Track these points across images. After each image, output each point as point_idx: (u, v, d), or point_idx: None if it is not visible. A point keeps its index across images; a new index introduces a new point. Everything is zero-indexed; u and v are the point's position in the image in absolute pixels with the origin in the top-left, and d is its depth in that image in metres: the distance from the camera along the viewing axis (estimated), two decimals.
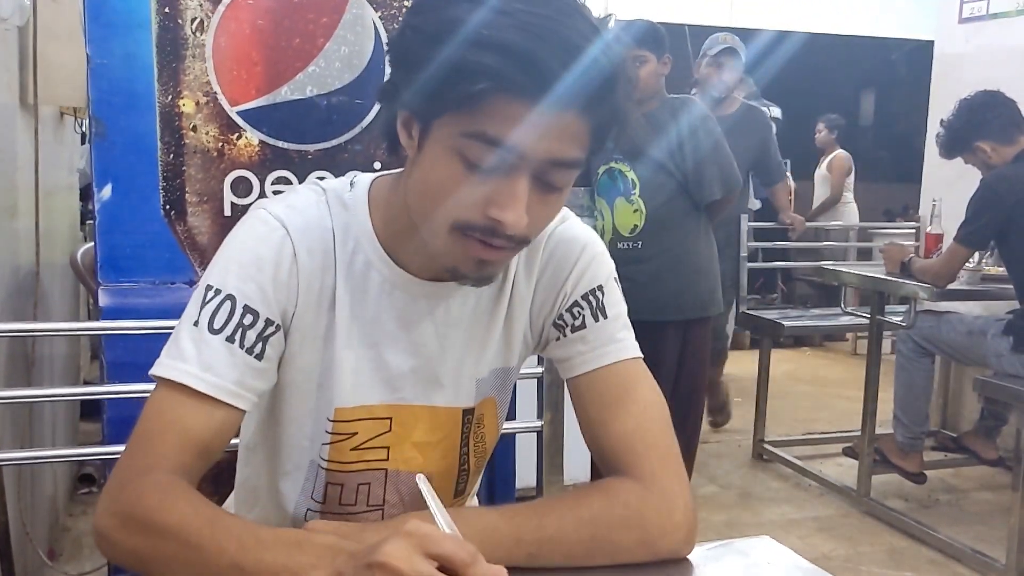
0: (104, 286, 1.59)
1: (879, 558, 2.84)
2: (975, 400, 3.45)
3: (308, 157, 1.66)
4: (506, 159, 0.78)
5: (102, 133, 1.55)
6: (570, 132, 0.79)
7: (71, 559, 2.61)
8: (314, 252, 0.91)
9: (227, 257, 0.90)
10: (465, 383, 1.00)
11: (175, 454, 0.85)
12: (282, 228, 0.90)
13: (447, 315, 0.97)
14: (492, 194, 0.80)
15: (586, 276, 0.99)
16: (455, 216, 0.81)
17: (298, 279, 0.90)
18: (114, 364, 1.57)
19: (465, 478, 1.06)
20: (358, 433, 0.97)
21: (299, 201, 0.94)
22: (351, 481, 0.99)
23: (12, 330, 1.92)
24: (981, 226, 2.76)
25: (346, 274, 0.93)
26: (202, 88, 1.59)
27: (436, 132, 0.81)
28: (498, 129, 0.77)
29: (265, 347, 0.89)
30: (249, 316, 0.88)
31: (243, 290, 0.88)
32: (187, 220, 1.61)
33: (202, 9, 1.57)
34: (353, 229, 0.93)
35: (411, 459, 1.00)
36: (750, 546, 1.01)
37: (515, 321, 1.01)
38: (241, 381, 0.87)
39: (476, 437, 1.04)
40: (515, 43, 0.74)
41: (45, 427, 2.63)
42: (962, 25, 3.95)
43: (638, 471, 0.93)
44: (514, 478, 2.02)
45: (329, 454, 0.97)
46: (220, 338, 0.86)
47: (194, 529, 0.77)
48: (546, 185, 0.82)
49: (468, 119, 0.78)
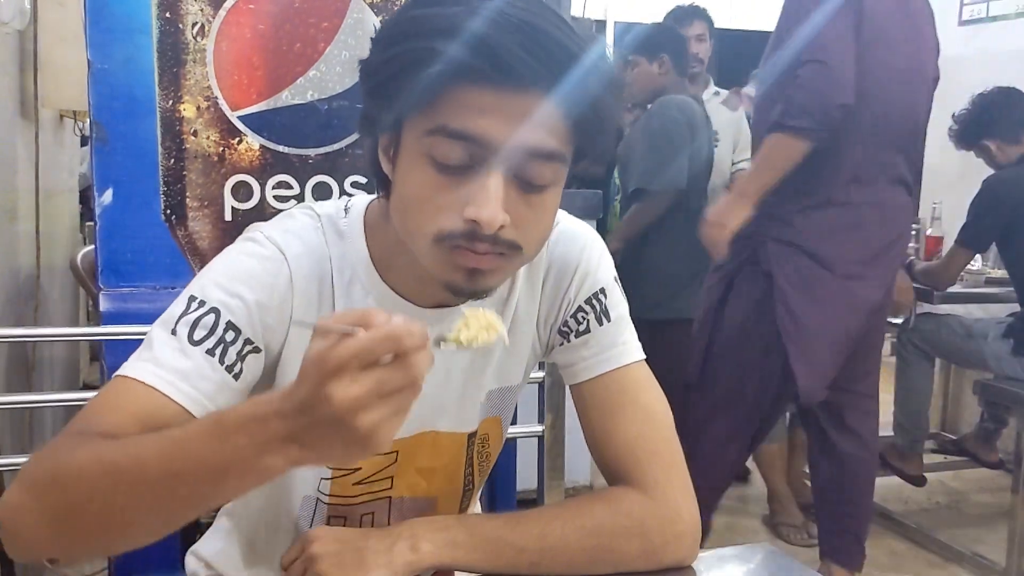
0: (105, 291, 1.58)
1: (879, 561, 2.84)
2: (975, 403, 3.45)
3: (309, 162, 1.66)
4: (473, 153, 0.74)
5: (103, 138, 1.55)
6: (541, 119, 0.74)
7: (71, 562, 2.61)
8: (311, 280, 0.87)
9: (216, 271, 0.85)
10: (468, 407, 0.98)
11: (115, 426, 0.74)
12: (280, 253, 0.86)
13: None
14: (466, 195, 0.75)
15: (588, 280, 0.98)
16: (436, 227, 0.77)
17: (292, 307, 0.86)
18: (114, 369, 1.55)
19: (469, 496, 1.05)
20: (361, 468, 0.95)
21: (296, 226, 0.89)
22: (354, 513, 0.97)
23: (13, 335, 1.92)
24: (982, 228, 2.76)
25: (343, 305, 0.88)
26: (203, 93, 1.59)
27: (405, 141, 0.78)
28: (459, 119, 0.73)
29: (243, 367, 0.83)
30: (231, 332, 0.82)
31: (228, 305, 0.82)
32: (188, 225, 1.61)
33: (203, 14, 1.57)
34: (349, 257, 0.89)
35: (415, 485, 0.99)
36: (751, 552, 1.01)
37: (520, 340, 0.99)
38: (215, 398, 0.80)
39: (480, 457, 1.03)
40: (468, 28, 0.71)
41: (46, 430, 2.63)
42: (962, 27, 3.96)
43: (641, 480, 0.92)
44: (515, 481, 2.02)
45: (331, 489, 0.95)
46: (200, 350, 0.80)
47: (107, 456, 0.68)
48: (526, 183, 0.77)
49: (429, 115, 0.75)
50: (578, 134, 0.78)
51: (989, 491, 3.44)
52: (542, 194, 0.78)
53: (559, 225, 0.97)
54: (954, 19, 3.99)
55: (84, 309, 3.52)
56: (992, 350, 2.84)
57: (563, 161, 0.78)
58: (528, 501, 1.63)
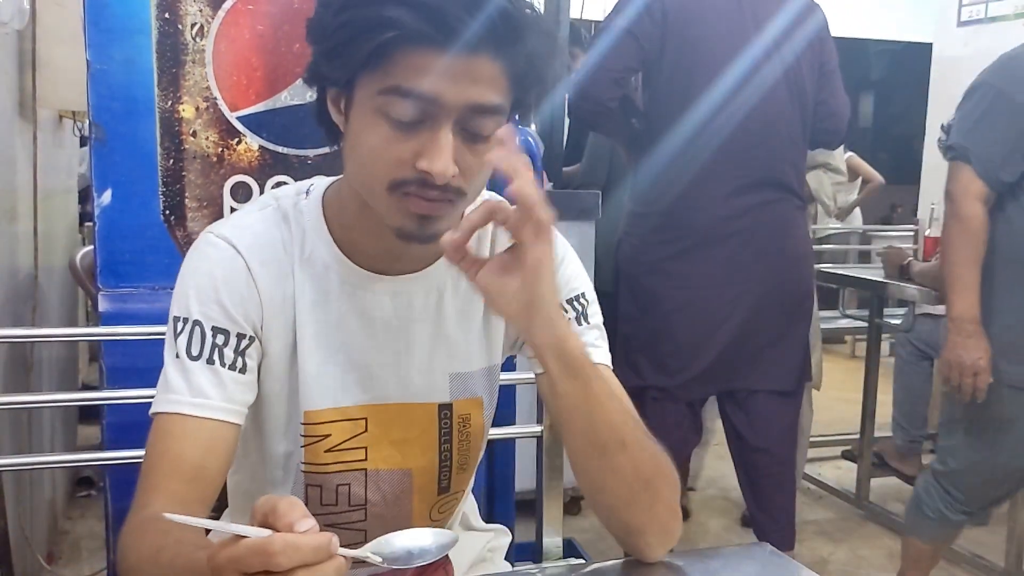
0: (104, 291, 1.58)
1: (878, 562, 2.84)
2: None
3: (308, 162, 1.66)
4: (425, 110, 0.81)
5: (102, 138, 1.55)
6: (485, 77, 0.81)
7: (70, 562, 2.61)
8: (267, 263, 0.94)
9: (185, 285, 0.93)
10: (438, 378, 1.01)
11: (166, 483, 0.86)
12: (230, 247, 0.93)
13: (410, 309, 0.98)
14: (418, 147, 0.82)
15: (571, 282, 1.02)
16: (389, 176, 0.83)
17: (258, 291, 0.93)
18: (113, 369, 1.57)
19: (448, 475, 1.06)
20: (332, 435, 0.98)
21: (245, 219, 0.96)
22: (330, 482, 1.00)
23: (12, 336, 1.92)
24: None
25: (305, 279, 0.95)
26: (202, 93, 1.59)
27: (358, 98, 0.84)
28: (411, 80, 0.79)
29: (245, 360, 0.92)
30: (220, 336, 0.90)
31: (207, 313, 0.90)
32: (187, 225, 1.61)
33: (202, 14, 1.57)
34: (308, 234, 0.95)
35: (390, 457, 1.01)
36: (750, 553, 1.02)
37: (493, 319, 1.03)
38: (230, 397, 0.90)
39: (461, 436, 1.05)
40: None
41: (44, 430, 2.63)
42: (960, 28, 3.96)
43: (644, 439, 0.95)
44: (514, 481, 2.02)
45: (305, 456, 0.99)
46: (201, 363, 0.89)
47: (148, 564, 0.77)
48: (472, 135, 0.83)
49: (382, 76, 0.81)
50: (516, 87, 0.85)
51: None
52: (485, 143, 0.85)
53: None
54: (953, 20, 4.00)
55: (83, 309, 3.52)
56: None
57: (504, 113, 0.85)
58: (527, 502, 1.63)
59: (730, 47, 2.14)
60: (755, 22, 2.17)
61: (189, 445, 0.87)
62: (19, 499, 2.13)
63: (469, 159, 0.84)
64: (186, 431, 0.87)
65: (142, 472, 0.88)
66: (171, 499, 0.84)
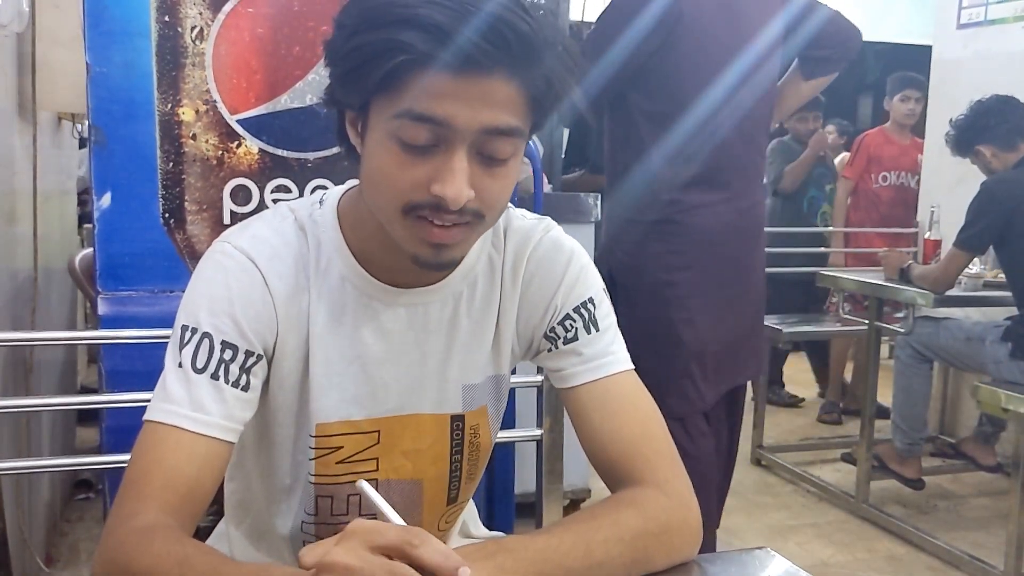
0: (103, 295, 1.58)
1: (877, 564, 2.84)
2: (973, 406, 3.45)
3: (308, 165, 1.66)
4: (438, 134, 0.79)
5: (102, 141, 1.55)
6: (500, 99, 0.79)
7: (68, 564, 2.60)
8: (285, 277, 0.91)
9: (197, 294, 0.90)
10: (451, 388, 1.00)
11: (161, 494, 0.83)
12: (248, 260, 0.90)
13: (426, 320, 0.97)
14: (432, 171, 0.80)
15: (577, 288, 1.00)
16: (404, 199, 0.82)
17: (274, 307, 0.91)
18: (113, 372, 1.57)
19: (457, 485, 1.06)
20: (343, 447, 0.97)
21: (262, 230, 0.93)
22: (341, 493, 0.99)
23: (11, 339, 1.92)
24: (980, 230, 2.77)
25: (321, 292, 0.93)
26: (202, 96, 1.59)
27: (373, 121, 0.83)
28: (423, 104, 0.78)
29: (249, 378, 0.89)
30: (228, 351, 0.88)
31: (218, 326, 0.88)
32: (186, 228, 1.61)
33: (202, 18, 1.57)
34: (325, 246, 0.93)
35: (401, 467, 1.00)
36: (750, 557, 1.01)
37: (504, 329, 1.01)
38: (230, 415, 0.87)
39: (470, 446, 1.04)
40: (427, 17, 0.75)
41: (43, 432, 2.63)
42: (960, 31, 3.96)
43: (652, 478, 0.94)
44: (513, 485, 2.02)
45: (315, 468, 0.97)
46: (205, 377, 0.87)
47: (163, 572, 0.76)
48: (488, 158, 0.82)
49: (395, 100, 0.79)
50: (535, 108, 0.83)
51: (987, 494, 3.44)
52: (503, 166, 0.83)
53: (549, 233, 1.01)
54: (952, 22, 4.00)
55: (82, 311, 3.51)
56: (990, 353, 2.84)
57: (521, 135, 0.83)
58: (526, 505, 1.63)
59: (728, 52, 2.15)
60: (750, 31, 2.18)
61: (185, 459, 0.85)
62: (18, 501, 2.13)
63: (487, 182, 0.82)
64: (182, 444, 0.85)
65: (129, 478, 0.85)
66: (166, 510, 0.82)
